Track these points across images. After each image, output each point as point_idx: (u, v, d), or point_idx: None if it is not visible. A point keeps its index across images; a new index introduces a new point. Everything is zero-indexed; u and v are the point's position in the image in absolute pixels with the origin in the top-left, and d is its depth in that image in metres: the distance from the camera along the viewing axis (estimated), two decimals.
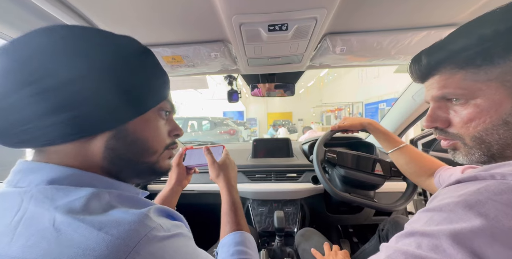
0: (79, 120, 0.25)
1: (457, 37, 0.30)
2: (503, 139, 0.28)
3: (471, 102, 0.30)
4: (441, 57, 0.31)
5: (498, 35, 0.27)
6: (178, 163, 0.61)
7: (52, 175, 0.25)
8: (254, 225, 0.98)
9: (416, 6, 0.51)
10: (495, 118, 0.28)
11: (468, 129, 0.31)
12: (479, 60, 0.28)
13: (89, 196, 0.24)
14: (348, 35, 0.63)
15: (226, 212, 0.48)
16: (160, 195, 0.57)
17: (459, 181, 0.27)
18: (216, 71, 0.83)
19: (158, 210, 0.28)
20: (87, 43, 0.26)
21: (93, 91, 0.25)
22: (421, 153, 0.70)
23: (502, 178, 0.23)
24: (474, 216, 0.21)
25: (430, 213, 0.25)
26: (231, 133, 5.34)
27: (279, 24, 0.53)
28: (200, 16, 0.52)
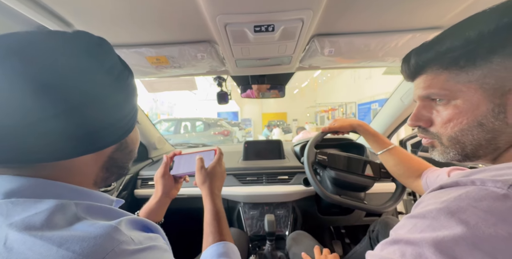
0: (91, 137, 0.27)
1: (444, 38, 0.30)
2: (476, 140, 0.30)
3: (452, 103, 0.31)
4: (428, 57, 0.32)
5: (481, 37, 0.27)
6: (163, 173, 0.56)
7: (9, 186, 0.23)
8: (245, 229, 0.97)
9: (401, 9, 0.51)
10: (471, 119, 0.29)
11: (446, 129, 0.32)
12: (463, 62, 0.28)
13: (53, 209, 0.22)
14: (336, 36, 0.62)
15: (209, 222, 0.46)
16: (145, 207, 0.54)
17: (442, 186, 0.27)
18: (204, 72, 0.82)
19: (131, 222, 0.26)
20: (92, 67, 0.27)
21: (106, 110, 0.27)
22: (409, 155, 0.71)
23: (481, 184, 0.23)
24: (455, 224, 0.21)
25: (414, 220, 0.25)
26: (225, 134, 5.30)
27: (265, 25, 0.52)
28: (185, 15, 0.51)
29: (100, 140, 0.28)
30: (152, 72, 0.73)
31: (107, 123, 0.28)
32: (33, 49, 0.23)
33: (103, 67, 0.27)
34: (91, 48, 0.27)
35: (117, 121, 0.29)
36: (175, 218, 0.67)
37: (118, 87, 0.29)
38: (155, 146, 1.19)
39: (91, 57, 0.26)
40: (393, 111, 1.02)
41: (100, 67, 0.27)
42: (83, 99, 0.25)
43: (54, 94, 0.23)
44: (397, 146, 0.72)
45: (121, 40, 0.60)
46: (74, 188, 0.27)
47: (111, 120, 0.28)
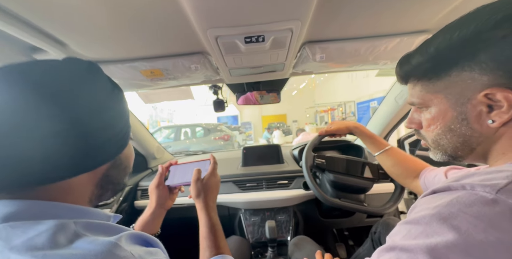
0: (85, 156, 0.28)
1: (416, 52, 0.33)
2: (452, 143, 0.33)
3: (428, 110, 0.34)
4: (406, 70, 0.35)
5: (439, 52, 0.30)
6: (158, 184, 0.56)
7: (7, 210, 0.23)
8: (247, 236, 0.96)
9: (387, 15, 0.52)
10: (443, 125, 0.33)
11: (428, 133, 0.35)
12: (430, 74, 0.32)
13: (54, 230, 0.22)
14: (326, 43, 0.64)
15: (205, 236, 0.46)
16: (140, 220, 0.53)
17: (435, 191, 0.28)
18: (199, 82, 0.83)
19: (131, 237, 0.27)
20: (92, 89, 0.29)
21: (100, 128, 0.28)
22: (406, 155, 0.71)
23: (471, 189, 0.23)
24: (447, 230, 0.21)
25: (409, 226, 0.25)
26: (225, 138, 5.30)
27: (255, 36, 0.53)
28: (176, 29, 0.52)
29: (95, 158, 0.29)
30: (148, 85, 0.74)
31: (101, 141, 0.29)
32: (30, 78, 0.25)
33: (94, 89, 0.29)
34: (82, 72, 0.28)
35: (111, 138, 0.30)
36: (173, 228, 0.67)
37: (110, 106, 0.30)
38: (154, 156, 1.20)
39: (83, 81, 0.28)
40: (389, 111, 1.02)
41: (91, 89, 0.28)
42: (78, 120, 0.26)
43: (50, 118, 0.24)
44: (393, 147, 0.73)
45: (115, 56, 0.61)
46: (71, 207, 0.27)
47: (105, 138, 0.29)
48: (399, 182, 0.74)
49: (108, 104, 0.30)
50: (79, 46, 0.54)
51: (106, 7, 0.42)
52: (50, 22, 0.45)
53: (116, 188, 0.35)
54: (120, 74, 0.65)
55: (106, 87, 0.31)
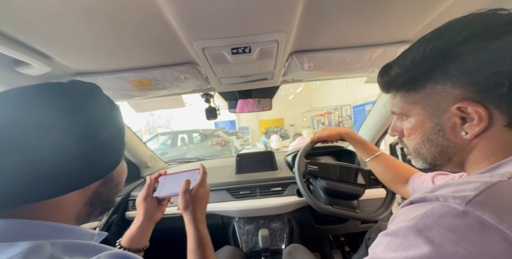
0: (78, 174, 0.28)
1: (394, 64, 0.34)
2: (431, 152, 0.33)
3: (408, 120, 0.35)
4: (386, 80, 0.36)
5: (413, 65, 0.31)
6: (145, 196, 0.54)
7: None
8: (240, 245, 0.95)
9: (370, 26, 0.54)
10: (421, 135, 0.33)
11: (409, 141, 0.36)
12: (407, 86, 0.33)
13: (26, 252, 0.22)
14: (313, 52, 0.65)
15: (192, 250, 0.44)
16: (127, 234, 0.51)
17: (412, 201, 0.28)
18: (190, 91, 0.83)
19: (110, 256, 0.26)
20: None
21: (96, 146, 0.29)
22: (395, 161, 0.72)
23: (444, 201, 0.23)
24: (423, 242, 0.22)
25: (388, 238, 0.26)
26: (223, 144, 5.29)
27: (242, 47, 0.54)
28: (163, 41, 0.53)
29: (84, 178, 0.29)
30: (137, 95, 0.74)
31: (97, 158, 0.29)
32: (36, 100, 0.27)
33: (96, 109, 0.31)
34: (83, 94, 0.30)
35: (106, 155, 0.31)
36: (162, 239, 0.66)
37: (109, 124, 0.31)
38: (146, 164, 1.18)
39: (86, 101, 0.30)
40: (378, 118, 1.04)
41: (93, 109, 0.30)
42: (73, 140, 0.27)
43: (47, 136, 0.25)
44: (384, 152, 0.73)
45: (102, 67, 0.61)
46: (52, 226, 0.27)
47: (100, 155, 0.30)
48: (389, 187, 0.74)
49: (107, 122, 0.32)
50: (65, 59, 0.54)
51: (90, 19, 0.42)
52: (32, 36, 0.45)
53: (105, 206, 0.35)
54: (108, 85, 0.65)
55: (105, 106, 0.32)
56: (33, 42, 0.46)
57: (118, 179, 0.36)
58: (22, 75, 0.54)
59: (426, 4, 0.46)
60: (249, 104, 1.02)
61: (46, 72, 0.54)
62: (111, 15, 0.41)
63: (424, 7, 0.47)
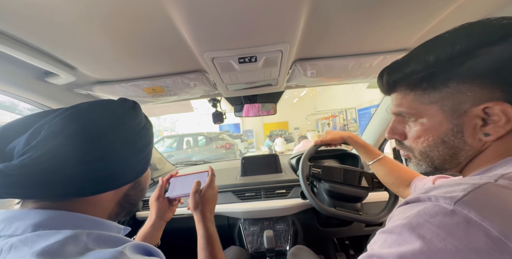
0: (116, 177, 0.33)
1: (409, 59, 0.32)
2: (442, 155, 0.32)
3: (419, 121, 0.33)
4: (397, 78, 0.34)
5: (438, 62, 0.29)
6: (158, 196, 0.57)
7: (38, 218, 0.27)
8: (246, 246, 0.97)
9: (370, 35, 0.56)
10: (435, 136, 0.32)
11: (417, 144, 0.34)
12: (425, 84, 0.31)
13: (66, 239, 0.26)
14: (316, 60, 0.68)
15: (202, 248, 0.47)
16: (141, 232, 0.55)
17: (407, 202, 0.30)
18: (198, 97, 0.88)
19: (134, 247, 0.29)
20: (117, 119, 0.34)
21: (129, 155, 0.34)
22: (398, 164, 0.73)
23: (435, 201, 0.25)
24: (415, 238, 0.23)
25: (385, 235, 0.27)
26: (227, 147, 5.33)
27: (248, 56, 0.58)
28: (176, 52, 0.57)
29: (120, 179, 0.34)
30: (150, 101, 0.79)
31: (128, 166, 0.34)
32: (91, 115, 0.32)
33: (134, 123, 0.36)
34: (128, 110, 0.36)
35: (136, 163, 0.36)
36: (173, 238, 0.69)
37: (141, 137, 0.37)
38: (156, 167, 1.23)
39: (127, 117, 0.35)
40: (381, 122, 1.05)
41: (132, 123, 0.35)
42: (115, 148, 0.32)
43: (92, 145, 0.30)
44: (386, 156, 0.75)
45: (119, 76, 0.66)
46: (90, 219, 0.31)
47: (131, 163, 0.35)
48: (392, 190, 0.75)
49: (144, 132, 0.37)
50: (87, 69, 0.59)
51: (111, 34, 0.46)
52: (60, 49, 0.50)
53: (131, 209, 0.39)
54: (124, 92, 0.70)
55: (142, 121, 0.38)
56: (61, 54, 0.51)
57: (144, 184, 0.40)
58: (50, 85, 0.60)
59: (424, 14, 0.49)
60: (255, 108, 1.06)
61: (71, 81, 0.60)
62: (129, 29, 0.46)
63: (422, 17, 0.50)
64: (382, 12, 0.47)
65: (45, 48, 0.48)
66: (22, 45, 0.45)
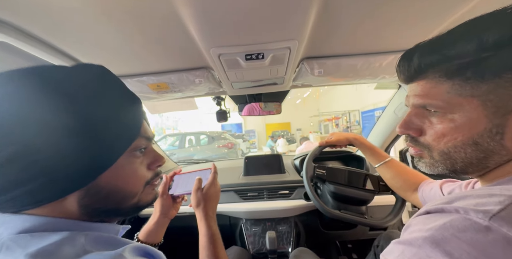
0: (39, 190, 0.24)
1: (457, 38, 0.26)
2: (468, 158, 0.28)
3: (448, 116, 0.28)
4: (433, 61, 0.28)
5: (500, 46, 0.23)
6: (162, 193, 0.56)
7: (26, 225, 0.25)
8: (247, 246, 0.96)
9: (381, 34, 0.55)
10: (466, 137, 0.27)
11: (439, 143, 0.29)
12: (470, 72, 0.25)
13: (62, 241, 0.24)
14: (324, 59, 0.67)
15: (204, 246, 0.46)
16: (144, 229, 0.54)
17: (428, 211, 0.27)
18: (203, 94, 0.87)
19: (134, 249, 0.28)
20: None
21: (49, 154, 0.23)
22: (405, 167, 0.71)
23: (465, 213, 0.22)
24: (440, 255, 0.21)
25: (402, 247, 0.25)
26: (229, 146, 5.33)
27: (255, 53, 0.56)
28: (182, 47, 0.56)
29: (50, 191, 0.25)
30: (154, 97, 0.78)
31: (51, 174, 0.24)
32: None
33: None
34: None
35: (64, 167, 0.24)
36: (175, 236, 0.68)
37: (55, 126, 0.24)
38: None
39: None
40: (388, 124, 1.03)
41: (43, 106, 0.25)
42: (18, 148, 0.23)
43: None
44: (393, 158, 0.73)
45: (124, 71, 0.66)
46: (82, 224, 0.28)
47: (54, 169, 0.24)
48: (399, 194, 0.73)
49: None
50: (88, 61, 0.58)
51: (117, 28, 0.46)
52: (65, 42, 0.49)
53: (112, 214, 0.31)
54: (129, 87, 0.69)
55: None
56: (66, 47, 0.51)
57: (108, 188, 0.29)
58: None
59: (439, 11, 0.46)
60: (259, 107, 1.05)
61: None
62: (135, 24, 0.45)
63: (437, 14, 0.48)
64: (395, 7, 0.45)
65: (50, 40, 0.47)
66: (27, 37, 0.44)
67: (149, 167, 0.35)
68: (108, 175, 0.28)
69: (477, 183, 0.43)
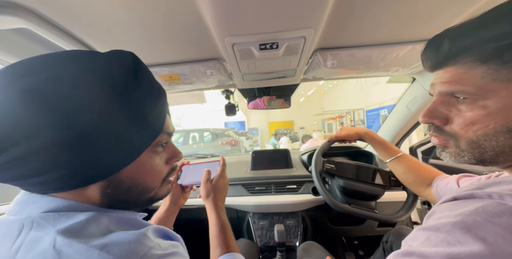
0: (67, 177, 0.24)
1: (493, 20, 0.25)
2: (500, 147, 0.26)
3: (479, 103, 0.27)
4: (466, 45, 0.26)
5: None
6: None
7: (50, 206, 0.26)
8: (255, 239, 0.96)
9: (399, 22, 0.53)
10: (499, 124, 0.26)
11: (468, 131, 0.28)
12: (507, 55, 0.24)
13: (89, 219, 0.25)
14: (338, 50, 0.65)
15: (215, 235, 0.47)
16: (155, 216, 0.56)
17: (456, 198, 0.26)
18: (213, 87, 0.86)
19: (156, 230, 0.29)
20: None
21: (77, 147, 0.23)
22: (418, 162, 0.70)
23: (499, 199, 0.22)
24: (472, 240, 0.20)
25: (427, 233, 0.24)
26: (233, 143, 5.34)
27: (270, 43, 0.56)
28: (195, 37, 0.56)
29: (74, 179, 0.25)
30: (166, 89, 0.78)
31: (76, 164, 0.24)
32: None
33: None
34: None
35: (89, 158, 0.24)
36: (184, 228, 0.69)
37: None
38: None
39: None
40: (400, 118, 1.02)
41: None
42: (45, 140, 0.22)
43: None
44: (406, 153, 0.72)
45: None
46: (102, 209, 0.29)
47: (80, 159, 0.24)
48: (411, 190, 0.72)
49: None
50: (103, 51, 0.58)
51: (134, 18, 0.45)
52: (84, 31, 0.49)
53: (130, 206, 0.32)
54: None
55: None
56: (83, 35, 0.51)
57: (129, 181, 0.29)
58: None
59: (461, 0, 0.45)
60: (260, 105, 1.05)
61: None
62: (150, 13, 0.44)
63: (459, 3, 0.46)
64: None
65: (65, 26, 0.47)
66: (50, 25, 0.44)
67: (167, 162, 0.35)
68: (130, 170, 0.28)
69: (501, 176, 0.42)
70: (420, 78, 0.86)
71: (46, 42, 0.49)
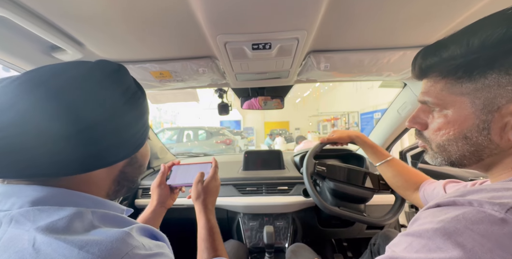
0: (105, 153, 0.29)
1: (450, 42, 0.29)
2: (461, 151, 0.30)
3: (443, 112, 0.31)
4: (432, 62, 0.31)
5: (483, 47, 0.26)
6: (160, 183, 0.56)
7: (36, 195, 0.25)
8: (244, 240, 0.95)
9: (391, 29, 0.54)
10: (457, 131, 0.30)
11: (436, 136, 0.32)
12: (460, 72, 0.28)
13: (72, 216, 0.24)
14: (331, 53, 0.65)
15: (203, 238, 0.46)
16: (141, 217, 0.54)
17: (439, 204, 0.27)
18: (205, 85, 0.85)
19: (141, 229, 0.28)
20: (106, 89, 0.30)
21: (119, 128, 0.30)
22: (407, 167, 0.71)
23: (479, 206, 0.22)
24: (452, 246, 0.21)
25: (410, 238, 0.25)
26: (227, 142, 5.32)
27: (263, 43, 0.55)
28: (187, 34, 0.54)
29: (112, 156, 0.30)
30: (156, 86, 0.77)
31: (119, 140, 0.30)
32: (59, 79, 0.27)
33: (119, 90, 0.30)
34: (110, 74, 0.30)
35: (128, 138, 0.32)
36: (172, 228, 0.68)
37: (131, 107, 0.32)
38: (157, 155, 1.21)
39: (109, 82, 0.30)
40: (391, 123, 1.03)
41: (116, 90, 0.30)
42: (98, 119, 0.27)
43: (73, 116, 0.26)
44: (395, 158, 0.73)
45: (127, 57, 0.64)
46: (90, 197, 0.29)
47: (123, 138, 0.31)
48: (399, 193, 0.73)
49: (130, 105, 0.31)
50: (96, 47, 0.56)
51: (122, 11, 0.44)
52: (70, 23, 0.48)
53: (130, 185, 0.37)
54: (131, 74, 0.68)
55: (130, 88, 0.32)
56: (70, 29, 0.49)
57: (141, 160, 0.37)
58: (55, 60, 0.57)
59: (454, 6, 0.45)
60: (256, 105, 1.04)
61: (78, 59, 0.58)
62: (141, 8, 0.43)
63: (451, 9, 0.46)
64: (408, 3, 0.44)
65: (54, 20, 0.45)
66: (32, 15, 0.42)
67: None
68: (141, 151, 0.36)
69: (484, 183, 0.43)
70: (410, 84, 0.88)
71: (30, 34, 0.47)
